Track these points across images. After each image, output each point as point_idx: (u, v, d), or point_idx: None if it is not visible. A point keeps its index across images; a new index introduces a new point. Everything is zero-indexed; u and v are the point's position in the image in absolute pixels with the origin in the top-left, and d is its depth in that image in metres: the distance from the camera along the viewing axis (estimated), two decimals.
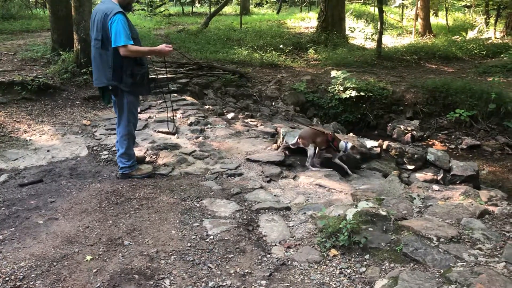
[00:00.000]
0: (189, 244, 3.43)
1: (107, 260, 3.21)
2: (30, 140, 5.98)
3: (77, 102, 7.64)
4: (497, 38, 16.66)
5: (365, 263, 3.07)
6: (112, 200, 4.24)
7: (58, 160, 5.44)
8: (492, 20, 18.48)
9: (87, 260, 3.20)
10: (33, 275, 2.99)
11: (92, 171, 5.10)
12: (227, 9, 27.05)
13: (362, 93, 9.85)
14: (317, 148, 5.69)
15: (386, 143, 6.86)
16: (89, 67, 7.70)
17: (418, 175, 6.14)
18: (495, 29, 17.45)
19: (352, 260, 3.12)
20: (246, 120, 7.56)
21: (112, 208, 4.07)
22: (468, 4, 22.40)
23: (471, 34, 17.52)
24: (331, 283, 2.90)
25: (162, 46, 4.55)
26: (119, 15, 4.28)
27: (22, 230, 3.66)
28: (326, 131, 5.93)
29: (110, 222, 3.80)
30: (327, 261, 3.14)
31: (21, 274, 3.00)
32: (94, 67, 4.58)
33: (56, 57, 8.92)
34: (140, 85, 4.59)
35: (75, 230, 3.65)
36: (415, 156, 6.42)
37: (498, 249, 3.06)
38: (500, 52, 14.22)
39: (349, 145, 5.67)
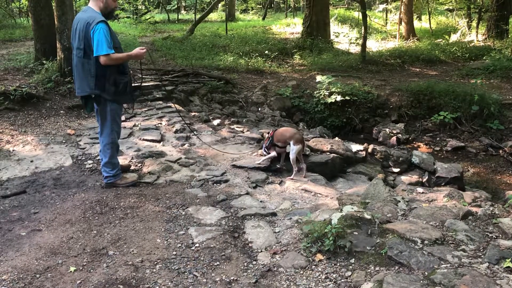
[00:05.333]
0: (174, 253, 3.41)
1: (91, 271, 3.17)
2: (13, 150, 5.90)
3: (61, 112, 7.57)
4: (479, 41, 16.90)
5: (350, 267, 3.08)
6: (97, 209, 4.20)
7: (41, 170, 5.38)
8: (474, 23, 18.75)
9: (71, 271, 3.16)
10: None
11: (77, 181, 5.05)
12: (213, 16, 27.12)
13: (347, 98, 9.90)
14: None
15: (371, 146, 6.91)
16: (72, 76, 7.65)
17: (403, 177, 6.19)
18: (477, 32, 17.70)
19: (338, 264, 3.13)
20: (232, 126, 7.56)
21: (96, 218, 4.04)
22: (451, 8, 22.73)
23: (454, 37, 17.76)
24: None
25: (137, 50, 4.57)
26: (101, 24, 4.27)
27: (4, 243, 3.60)
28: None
29: (95, 232, 3.76)
30: (313, 266, 3.14)
31: (3, 287, 2.95)
32: (76, 76, 4.56)
33: (40, 66, 8.83)
34: (123, 94, 4.57)
35: (59, 241, 3.60)
36: (400, 159, 6.48)
37: (481, 250, 3.09)
38: (482, 54, 14.43)
39: None
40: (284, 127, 6.11)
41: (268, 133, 5.73)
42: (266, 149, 5.53)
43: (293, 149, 5.28)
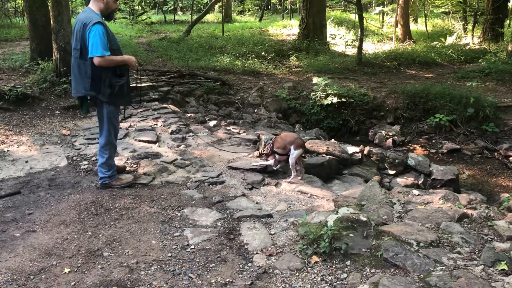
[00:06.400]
0: (169, 254, 3.40)
1: (86, 272, 3.15)
2: (7, 151, 5.86)
3: (57, 112, 7.53)
4: (475, 44, 16.98)
5: (346, 269, 3.07)
6: (92, 211, 4.18)
7: (36, 171, 5.35)
8: (470, 26, 18.85)
9: (65, 272, 3.14)
10: None
11: (72, 182, 5.03)
12: (209, 17, 27.08)
13: (343, 99, 9.92)
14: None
15: (367, 148, 6.92)
16: (68, 77, 7.59)
17: (399, 180, 6.20)
18: (472, 34, 17.78)
19: (334, 266, 3.12)
20: (228, 128, 7.55)
21: (91, 219, 4.02)
22: (447, 10, 22.83)
23: (449, 40, 17.83)
24: None
25: (130, 56, 4.65)
26: (97, 25, 4.25)
27: None
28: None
29: (90, 233, 3.74)
30: (309, 268, 3.14)
31: None
32: (73, 76, 4.54)
33: (35, 66, 8.79)
34: (120, 96, 4.54)
35: (53, 242, 3.58)
36: (396, 161, 6.49)
37: (477, 252, 3.09)
38: (478, 57, 14.51)
39: None
40: (284, 133, 6.10)
41: (270, 139, 5.67)
42: (266, 156, 5.53)
43: (293, 154, 5.26)
